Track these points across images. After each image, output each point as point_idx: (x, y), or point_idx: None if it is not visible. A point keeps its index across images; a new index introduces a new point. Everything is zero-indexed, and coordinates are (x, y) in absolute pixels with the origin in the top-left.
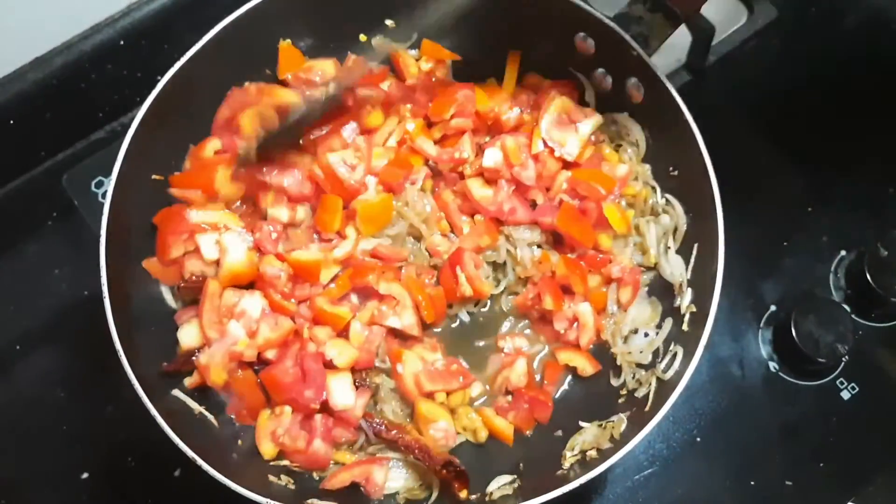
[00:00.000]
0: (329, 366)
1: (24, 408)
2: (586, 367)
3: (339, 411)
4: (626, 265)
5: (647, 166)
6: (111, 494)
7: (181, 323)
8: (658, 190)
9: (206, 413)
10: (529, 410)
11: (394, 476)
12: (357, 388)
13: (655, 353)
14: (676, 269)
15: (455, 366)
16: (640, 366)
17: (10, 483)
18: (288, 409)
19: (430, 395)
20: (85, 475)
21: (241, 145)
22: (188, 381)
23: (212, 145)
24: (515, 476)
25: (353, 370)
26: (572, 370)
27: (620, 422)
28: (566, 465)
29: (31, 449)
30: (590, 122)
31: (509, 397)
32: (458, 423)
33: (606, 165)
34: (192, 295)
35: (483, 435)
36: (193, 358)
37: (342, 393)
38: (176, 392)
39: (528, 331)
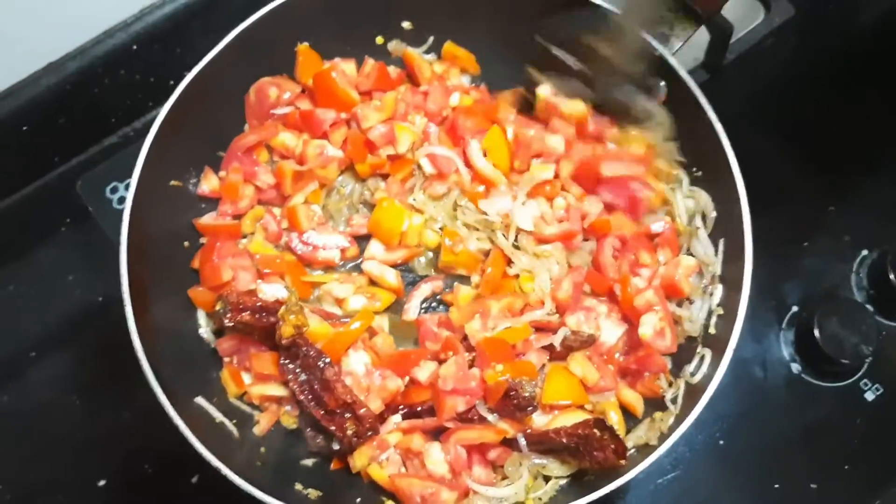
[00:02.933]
0: None
1: (39, 414)
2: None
3: None
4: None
5: (673, 144)
6: (128, 502)
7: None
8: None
9: (227, 421)
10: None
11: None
12: None
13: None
14: (708, 250)
15: None
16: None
17: (28, 490)
18: None
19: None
20: (102, 482)
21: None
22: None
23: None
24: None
25: None
26: None
27: (669, 414)
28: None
29: (47, 456)
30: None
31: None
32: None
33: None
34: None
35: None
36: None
37: None
38: (199, 400)
39: None
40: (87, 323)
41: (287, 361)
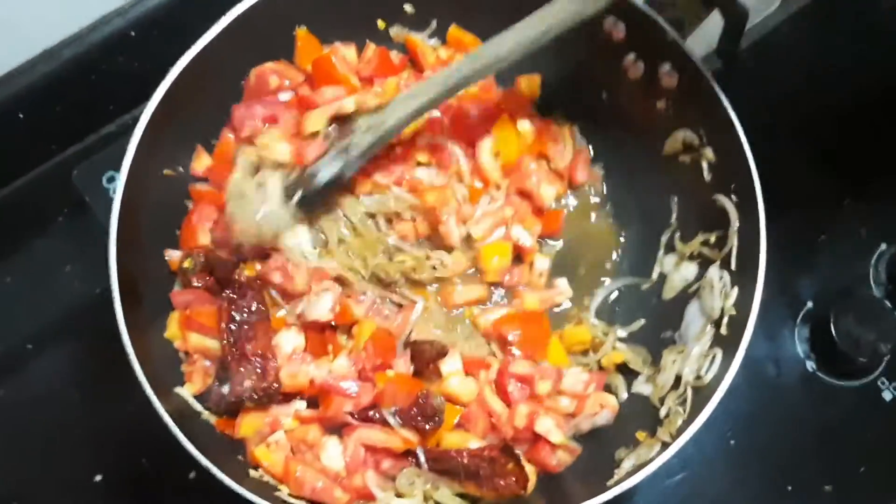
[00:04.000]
0: None
1: (36, 408)
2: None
3: None
4: None
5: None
6: (125, 497)
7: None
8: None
9: (209, 415)
10: None
11: None
12: None
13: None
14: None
15: None
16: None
17: (24, 484)
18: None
19: None
20: (98, 477)
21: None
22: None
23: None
24: None
25: None
26: None
27: (677, 416)
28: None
29: (44, 450)
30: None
31: None
32: None
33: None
34: None
35: None
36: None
37: None
38: (178, 390)
39: None
40: (84, 315)
41: (233, 295)
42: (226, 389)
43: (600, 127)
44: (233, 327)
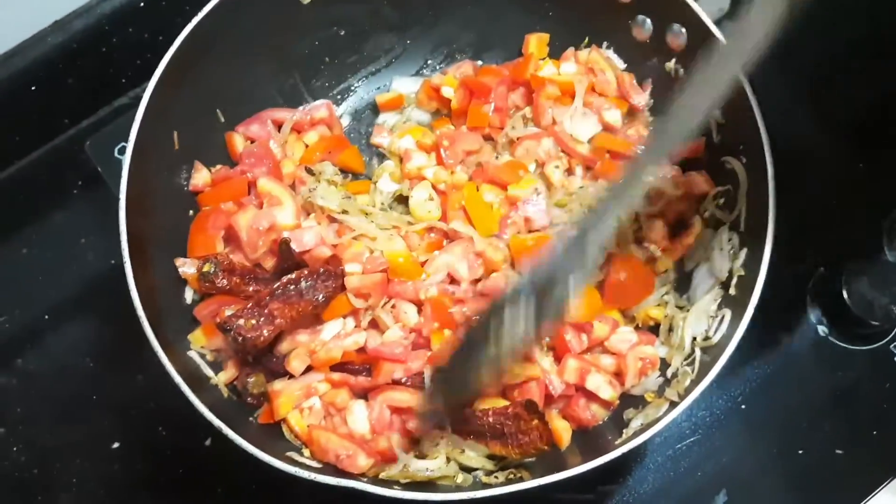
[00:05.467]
0: None
1: (54, 378)
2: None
3: None
4: None
5: None
6: (142, 464)
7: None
8: None
9: (214, 376)
10: None
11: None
12: None
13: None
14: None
15: None
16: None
17: (42, 452)
18: None
19: None
20: (116, 444)
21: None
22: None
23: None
24: None
25: None
26: None
27: (685, 376)
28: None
29: (61, 419)
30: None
31: None
32: None
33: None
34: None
35: None
36: None
37: None
38: (191, 353)
39: None
40: (100, 286)
41: (319, 276)
42: (228, 312)
43: None
44: (290, 286)
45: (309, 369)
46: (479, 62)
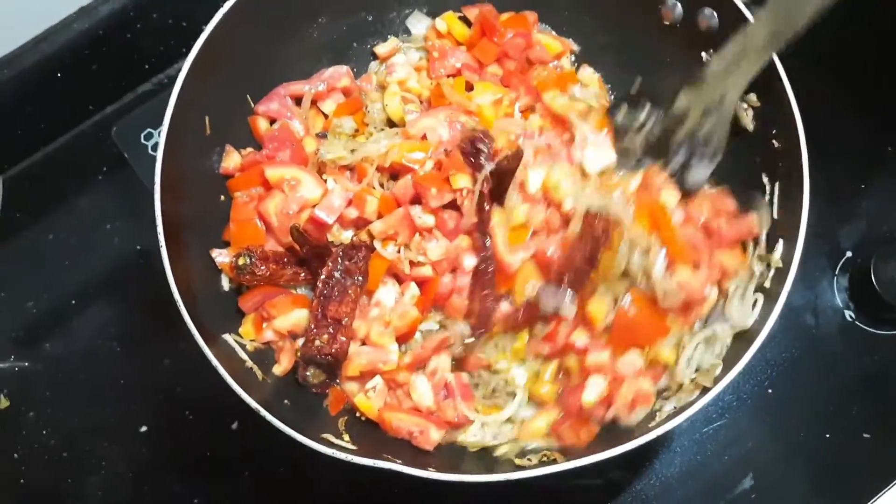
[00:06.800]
0: None
1: (81, 362)
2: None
3: None
4: None
5: None
6: (169, 447)
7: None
8: None
9: (250, 360)
10: None
11: None
12: None
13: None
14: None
15: None
16: None
17: (71, 435)
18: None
19: None
20: (144, 428)
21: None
22: None
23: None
24: None
25: None
26: None
27: (715, 367)
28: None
29: (90, 402)
30: None
31: None
32: None
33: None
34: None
35: None
36: None
37: None
38: (226, 336)
39: None
40: (126, 271)
41: (341, 252)
42: (299, 343)
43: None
44: (330, 283)
45: None
46: None
